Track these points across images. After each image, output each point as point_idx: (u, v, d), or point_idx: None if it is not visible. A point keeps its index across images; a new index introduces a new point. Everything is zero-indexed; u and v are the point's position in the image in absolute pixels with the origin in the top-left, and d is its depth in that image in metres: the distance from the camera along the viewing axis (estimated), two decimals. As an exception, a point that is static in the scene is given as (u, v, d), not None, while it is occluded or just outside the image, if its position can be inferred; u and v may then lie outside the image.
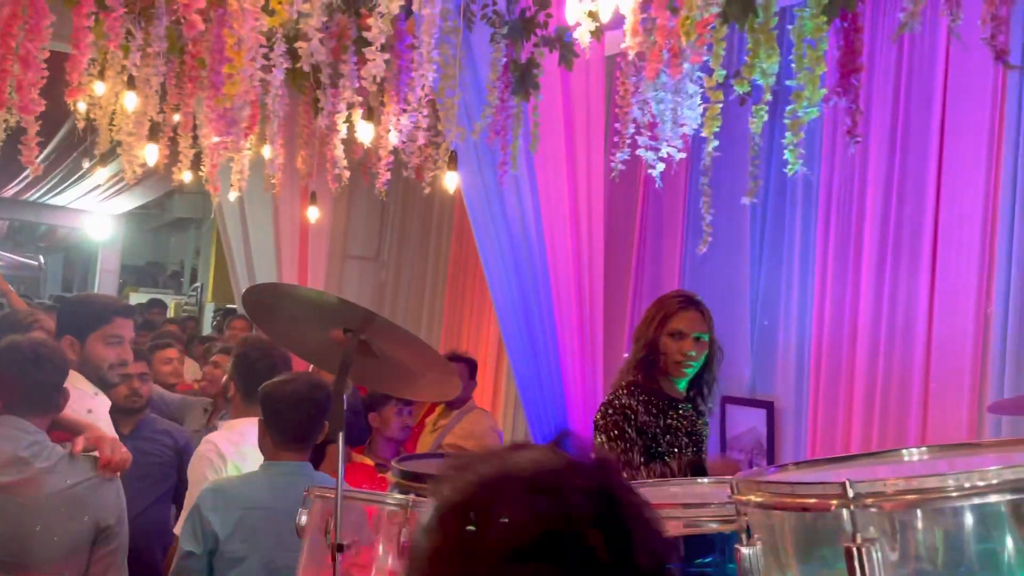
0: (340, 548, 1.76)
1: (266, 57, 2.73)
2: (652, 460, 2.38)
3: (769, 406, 3.74)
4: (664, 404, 2.45)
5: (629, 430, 2.40)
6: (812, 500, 0.83)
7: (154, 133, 3.61)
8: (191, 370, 5.26)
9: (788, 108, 2.63)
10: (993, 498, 0.78)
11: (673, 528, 1.11)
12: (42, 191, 9.30)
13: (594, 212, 4.21)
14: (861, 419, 3.33)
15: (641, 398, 2.46)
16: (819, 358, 3.56)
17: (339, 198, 6.01)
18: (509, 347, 4.35)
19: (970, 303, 3.05)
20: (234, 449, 2.53)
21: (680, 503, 1.15)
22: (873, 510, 0.79)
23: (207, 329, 8.84)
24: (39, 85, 2.43)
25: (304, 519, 1.99)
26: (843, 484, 0.78)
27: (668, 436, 2.45)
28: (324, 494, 1.94)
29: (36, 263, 13.79)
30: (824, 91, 2.58)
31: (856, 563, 0.78)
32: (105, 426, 2.52)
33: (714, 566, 1.12)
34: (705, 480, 1.45)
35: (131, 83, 3.29)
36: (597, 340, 4.26)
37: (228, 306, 8.19)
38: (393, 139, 3.29)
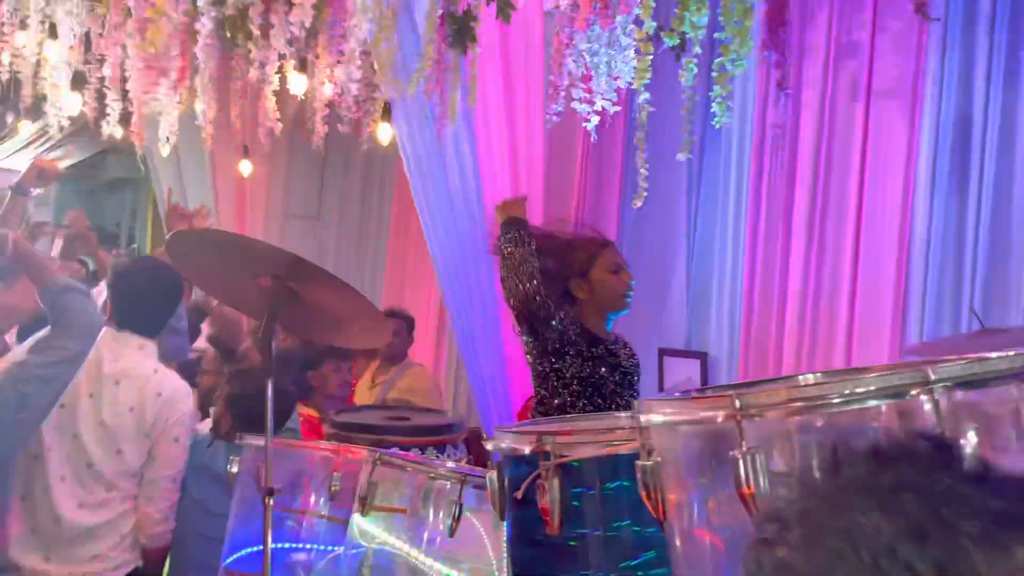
0: (271, 492, 1.77)
1: (194, 4, 2.66)
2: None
3: (703, 357, 3.83)
4: (595, 350, 2.46)
5: (562, 391, 2.40)
6: (703, 413, 0.87)
7: (78, 83, 3.50)
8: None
9: (716, 61, 2.67)
10: (871, 403, 0.83)
11: (585, 452, 1.15)
12: (-33, 150, 8.93)
13: (533, 168, 4.21)
14: (790, 367, 3.44)
15: (571, 350, 2.44)
16: (751, 309, 3.66)
17: (278, 156, 5.91)
18: (449, 304, 4.36)
19: (892, 253, 3.16)
20: None
21: (589, 429, 1.19)
22: (758, 419, 0.83)
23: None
24: (-50, 30, 2.33)
25: (235, 466, 2.00)
26: (730, 395, 0.82)
27: (599, 387, 2.45)
28: (255, 442, 1.95)
29: (-38, 226, 13.18)
30: (752, 43, 2.63)
31: (741, 471, 0.82)
32: None
33: (626, 489, 1.16)
34: (622, 416, 1.50)
35: (53, 32, 3.18)
36: (537, 296, 4.30)
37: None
38: (327, 91, 3.24)
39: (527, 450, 1.19)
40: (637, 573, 1.17)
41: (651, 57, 2.65)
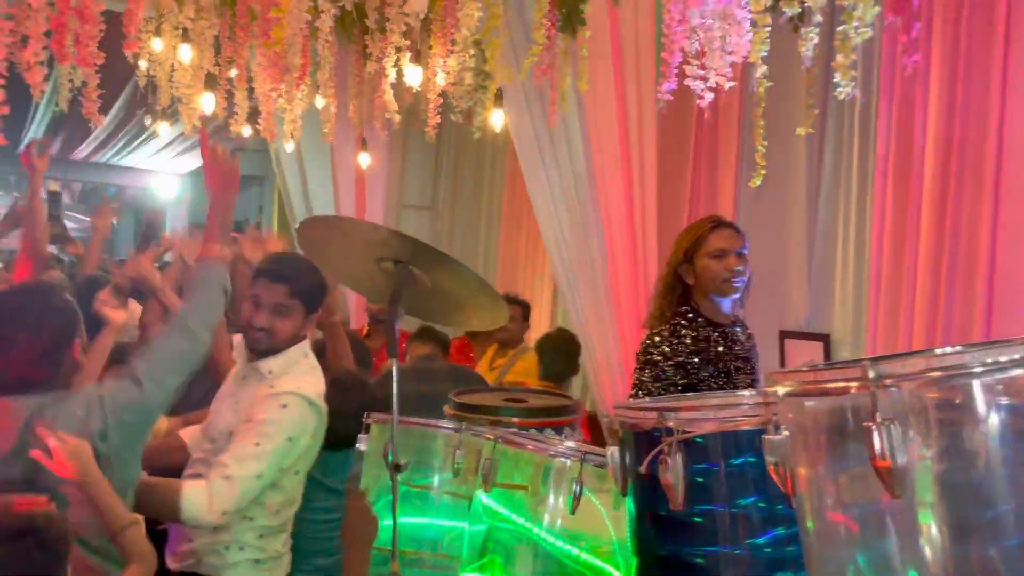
0: (398, 468, 1.84)
1: (315, 1, 2.77)
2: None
3: (826, 339, 3.70)
4: (711, 332, 2.42)
5: (668, 370, 2.35)
6: (835, 384, 0.84)
7: (210, 84, 3.70)
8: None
9: (839, 28, 2.57)
10: (1016, 372, 0.78)
11: (708, 427, 1.14)
12: (111, 152, 9.60)
13: (646, 149, 4.17)
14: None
15: (685, 332, 2.40)
16: (878, 289, 3.50)
17: (393, 148, 6.07)
18: (562, 287, 4.38)
19: (1036, 228, 2.96)
20: None
21: (713, 404, 1.18)
22: (893, 390, 0.80)
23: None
24: (97, 38, 2.51)
25: (363, 444, 2.09)
26: (863, 366, 0.80)
27: (714, 367, 2.40)
28: (382, 419, 2.02)
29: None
30: (877, 9, 2.51)
31: (876, 442, 0.79)
32: None
33: (751, 465, 1.15)
34: (745, 393, 1.47)
35: (186, 36, 3.37)
36: (651, 278, 4.25)
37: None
38: (440, 81, 3.31)
39: (649, 426, 1.20)
40: (765, 550, 1.16)
41: (768, 29, 2.57)
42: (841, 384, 0.84)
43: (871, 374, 0.80)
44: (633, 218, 4.15)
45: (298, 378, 2.12)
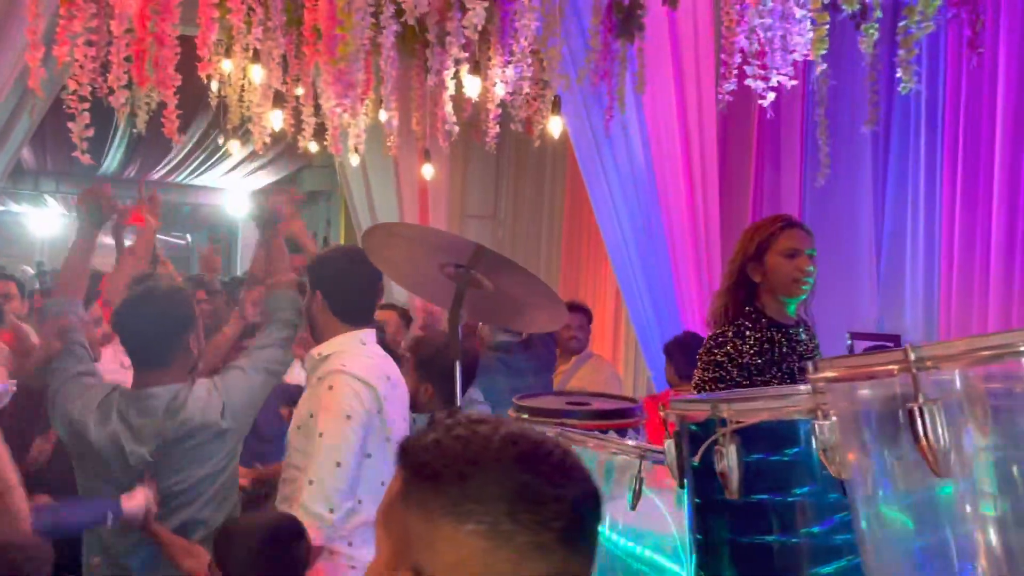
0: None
1: (375, 17, 2.86)
2: None
3: (897, 340, 3.63)
4: (774, 333, 2.39)
5: (732, 371, 2.31)
6: (877, 367, 0.86)
7: (278, 102, 3.84)
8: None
9: (900, 24, 2.54)
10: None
11: (761, 417, 1.16)
12: (185, 173, 9.99)
13: (707, 151, 4.16)
14: (997, 348, 3.19)
15: (750, 334, 2.37)
16: (950, 289, 3.42)
17: (455, 159, 6.18)
18: (626, 294, 4.38)
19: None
20: None
21: (765, 395, 1.19)
22: (935, 371, 0.82)
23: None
24: (174, 61, 2.64)
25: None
26: (905, 349, 0.81)
27: (777, 368, 2.37)
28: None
29: (184, 242, 14.59)
30: (939, 2, 2.47)
31: (919, 425, 0.81)
32: None
33: (803, 455, 1.16)
34: (802, 387, 1.47)
35: (255, 56, 3.50)
36: (715, 279, 4.23)
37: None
38: (499, 91, 3.37)
39: (703, 418, 1.22)
40: (821, 538, 1.17)
41: (827, 27, 2.56)
42: (882, 368, 0.85)
43: (912, 356, 0.81)
44: (696, 220, 4.14)
45: (343, 358, 2.09)
